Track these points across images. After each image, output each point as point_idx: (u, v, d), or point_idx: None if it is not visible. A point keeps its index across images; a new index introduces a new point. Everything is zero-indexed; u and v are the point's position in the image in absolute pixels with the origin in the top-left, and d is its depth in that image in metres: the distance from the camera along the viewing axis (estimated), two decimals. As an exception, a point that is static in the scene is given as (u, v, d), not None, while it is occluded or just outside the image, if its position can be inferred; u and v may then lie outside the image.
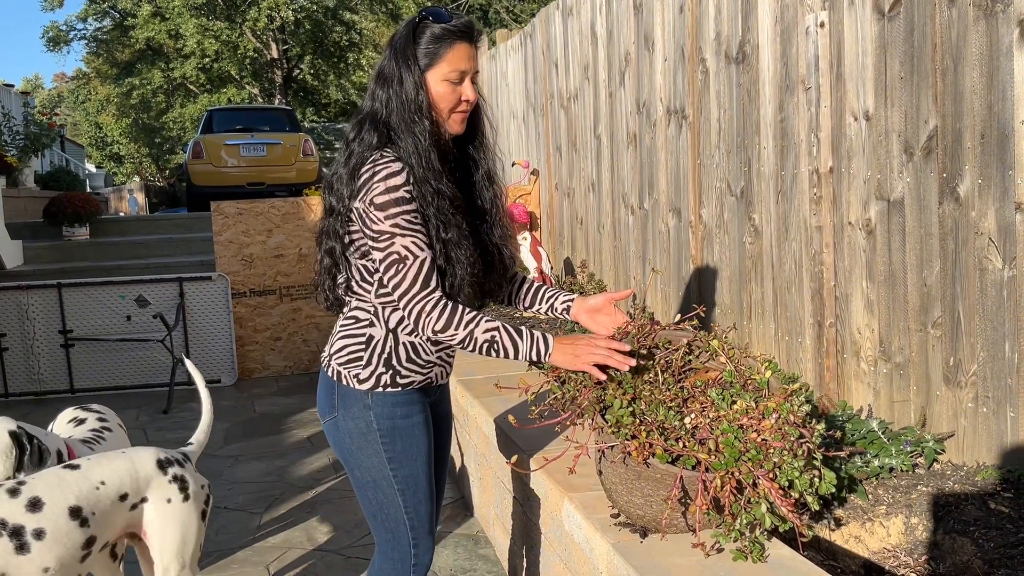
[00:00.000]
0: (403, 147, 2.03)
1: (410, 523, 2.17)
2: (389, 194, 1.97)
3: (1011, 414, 2.66)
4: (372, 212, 1.99)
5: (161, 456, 2.48)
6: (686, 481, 1.98)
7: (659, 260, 4.90)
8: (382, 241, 1.99)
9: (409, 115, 2.04)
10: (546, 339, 2.03)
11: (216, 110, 14.78)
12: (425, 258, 2.00)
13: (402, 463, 2.14)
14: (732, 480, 1.92)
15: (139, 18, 24.34)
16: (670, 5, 4.56)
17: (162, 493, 2.43)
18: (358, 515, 4.10)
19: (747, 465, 1.91)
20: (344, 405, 2.14)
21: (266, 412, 6.19)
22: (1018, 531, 2.40)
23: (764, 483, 1.90)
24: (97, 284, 7.05)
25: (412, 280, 1.99)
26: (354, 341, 2.14)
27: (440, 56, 2.05)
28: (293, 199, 7.57)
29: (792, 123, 3.58)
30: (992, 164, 2.65)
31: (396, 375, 2.13)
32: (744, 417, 1.96)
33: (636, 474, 2.06)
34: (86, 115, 36.50)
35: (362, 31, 25.77)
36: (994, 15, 2.62)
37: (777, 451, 1.90)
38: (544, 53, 6.82)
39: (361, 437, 2.13)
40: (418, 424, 2.17)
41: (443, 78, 2.06)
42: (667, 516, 2.06)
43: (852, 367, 3.35)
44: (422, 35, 2.06)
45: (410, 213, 1.99)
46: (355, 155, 2.07)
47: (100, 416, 3.03)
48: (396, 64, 2.07)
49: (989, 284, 2.70)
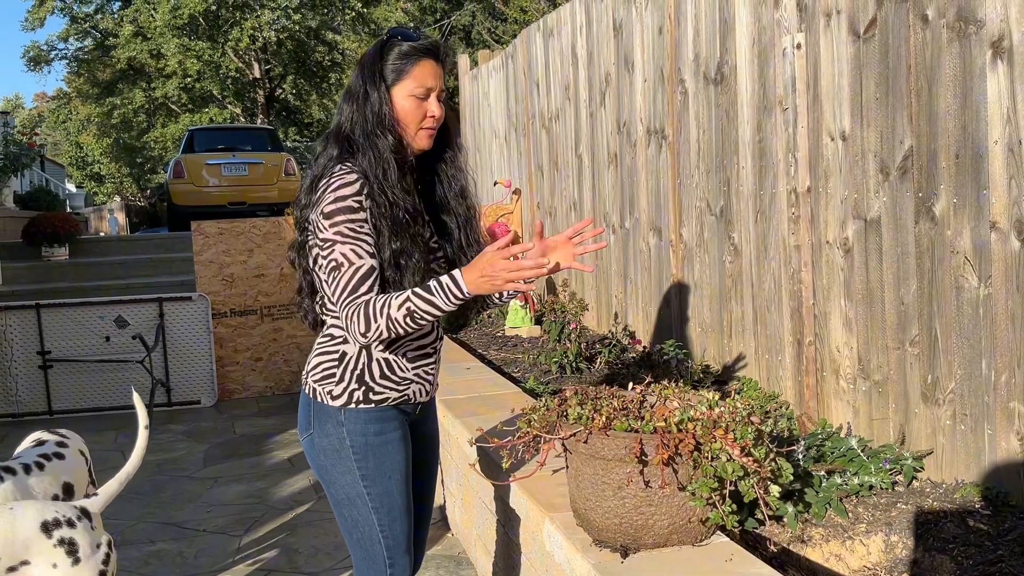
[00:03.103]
0: (364, 160, 2.07)
1: (385, 542, 2.17)
2: (337, 203, 2.00)
3: (989, 431, 2.67)
4: (320, 221, 2.02)
5: (48, 517, 2.29)
6: (645, 442, 2.06)
7: (640, 279, 4.91)
8: (326, 248, 2.02)
9: (372, 128, 2.09)
10: (454, 278, 1.95)
11: (197, 130, 14.75)
12: (360, 265, 1.99)
13: (375, 480, 2.14)
14: (689, 437, 2.03)
15: (120, 38, 24.27)
16: (649, 27, 4.60)
17: (47, 558, 2.25)
18: (339, 537, 4.07)
19: (702, 428, 2.06)
20: (319, 422, 2.15)
21: (246, 433, 6.15)
22: (996, 548, 2.41)
23: (720, 439, 2.02)
24: (76, 305, 7.00)
25: (343, 286, 1.99)
26: (328, 358, 2.15)
27: (406, 72, 2.10)
28: (274, 219, 7.56)
29: (770, 143, 3.61)
30: (967, 184, 2.68)
31: (369, 391, 2.13)
32: (695, 413, 2.13)
33: (602, 464, 2.13)
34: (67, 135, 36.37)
35: (344, 51, 25.81)
36: (967, 37, 2.65)
37: (729, 420, 2.08)
38: (525, 73, 6.86)
39: (335, 454, 2.14)
40: (392, 441, 2.16)
41: (409, 93, 2.11)
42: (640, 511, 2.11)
43: (831, 385, 3.36)
44: (390, 52, 2.11)
45: (355, 222, 2.01)
46: (318, 166, 2.12)
47: (60, 441, 2.88)
48: (363, 80, 2.12)
49: (965, 302, 2.72)
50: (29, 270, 8.93)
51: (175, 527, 4.32)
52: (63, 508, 2.36)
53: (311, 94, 26.95)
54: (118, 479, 2.59)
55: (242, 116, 26.33)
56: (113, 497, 2.56)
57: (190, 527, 4.32)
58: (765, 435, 2.16)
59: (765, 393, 3.72)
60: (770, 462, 2.07)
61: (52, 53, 27.07)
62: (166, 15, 22.43)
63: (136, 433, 2.78)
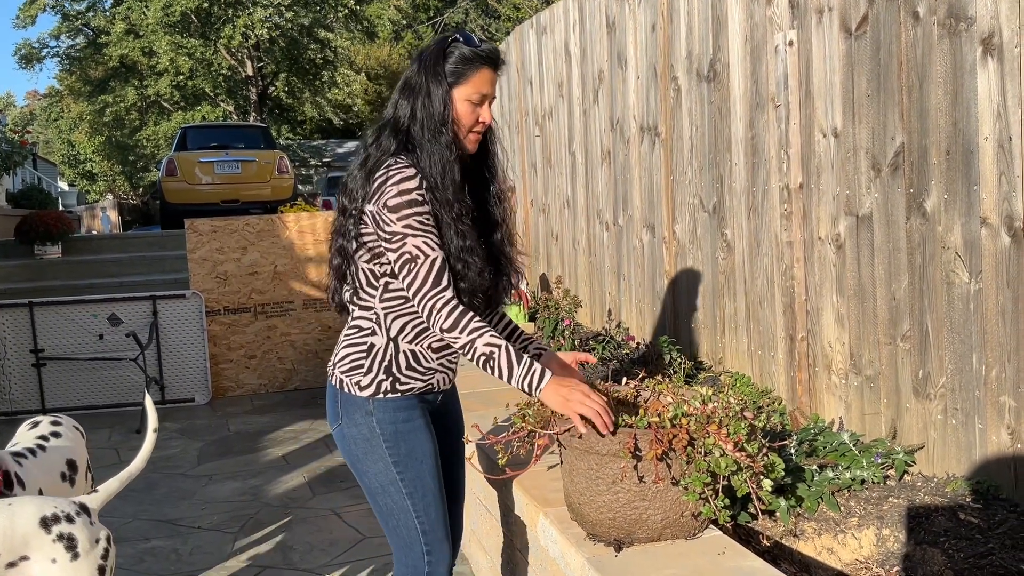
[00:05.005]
0: (423, 156, 2.10)
1: (421, 527, 2.20)
2: (402, 196, 2.04)
3: (979, 426, 2.69)
4: (385, 215, 2.06)
5: (47, 512, 2.30)
6: (639, 438, 2.08)
7: (633, 275, 4.93)
8: (395, 242, 2.06)
9: (435, 126, 2.11)
10: (543, 374, 2.06)
11: (190, 127, 14.70)
12: (436, 257, 2.06)
13: (408, 465, 2.18)
14: (683, 431, 2.05)
15: (112, 35, 24.19)
16: (642, 24, 4.61)
17: (46, 553, 2.26)
18: (334, 534, 4.08)
19: (696, 424, 2.07)
20: (347, 412, 2.19)
21: (240, 431, 6.15)
22: (987, 541, 2.43)
23: (714, 434, 2.04)
24: (69, 303, 6.98)
25: (424, 277, 2.05)
26: (356, 350, 2.19)
27: (466, 77, 2.14)
28: (268, 216, 7.55)
29: (762, 140, 3.63)
30: (958, 180, 2.70)
31: (396, 382, 2.18)
32: (689, 408, 2.14)
33: (597, 460, 2.13)
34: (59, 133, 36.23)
35: (337, 49, 25.76)
36: (958, 34, 2.67)
37: (722, 415, 2.09)
38: (519, 71, 6.87)
39: (365, 443, 2.18)
40: (420, 428, 2.21)
41: (466, 98, 2.14)
42: (634, 505, 2.12)
43: (824, 380, 3.38)
44: (451, 54, 2.14)
45: (422, 215, 2.06)
46: (371, 159, 2.14)
47: (54, 420, 2.93)
48: (424, 77, 2.14)
49: (956, 297, 2.74)
50: (22, 268, 8.90)
51: (170, 524, 4.33)
52: (62, 504, 2.37)
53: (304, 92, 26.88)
54: (119, 478, 2.59)
55: (235, 114, 26.26)
56: (113, 495, 2.56)
57: (185, 524, 4.32)
58: (758, 430, 2.18)
59: (758, 388, 3.74)
60: (763, 457, 2.09)
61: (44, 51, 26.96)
62: (158, 12, 22.34)
63: (129, 433, 2.79)
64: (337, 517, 4.31)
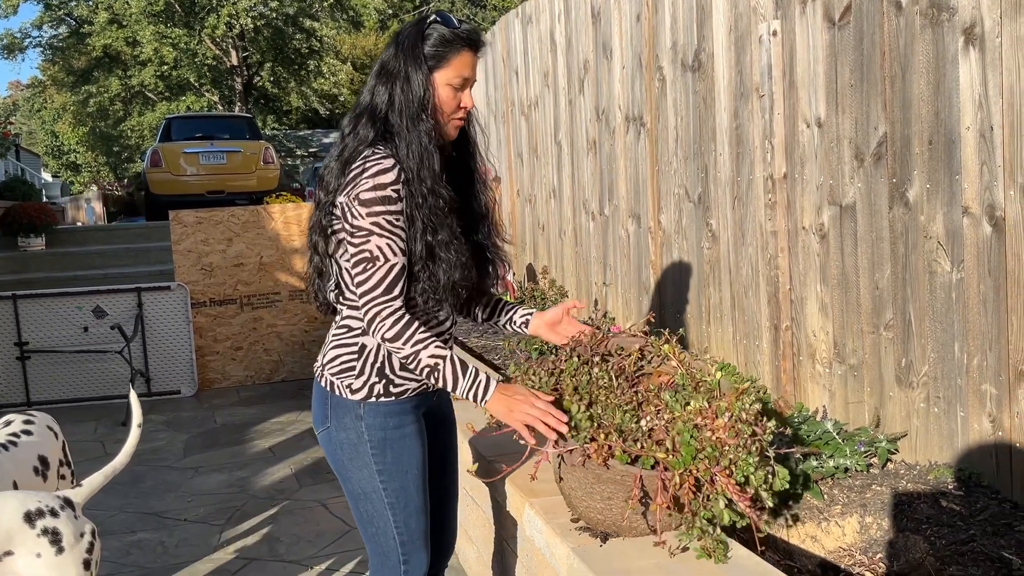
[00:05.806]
0: (402, 145, 2.01)
1: (400, 538, 2.15)
2: (375, 192, 1.95)
3: (961, 414, 2.72)
4: (355, 207, 1.96)
5: (31, 507, 2.28)
6: (645, 481, 2.00)
7: (619, 265, 4.93)
8: (358, 237, 1.97)
9: (415, 112, 2.02)
10: (488, 385, 2.00)
11: (175, 118, 14.63)
12: (396, 263, 1.98)
13: (392, 475, 2.12)
14: (690, 478, 1.94)
15: (96, 25, 23.99)
16: (627, 14, 4.61)
17: (30, 548, 2.24)
18: (320, 525, 4.08)
19: (704, 463, 1.94)
20: (336, 416, 2.12)
21: (227, 423, 6.14)
22: (969, 528, 2.46)
23: (721, 479, 1.92)
24: (53, 295, 6.95)
25: (378, 281, 1.97)
26: (347, 351, 2.12)
27: (447, 60, 2.04)
28: (253, 207, 7.52)
29: (747, 130, 3.64)
30: (940, 169, 2.71)
31: (389, 384, 2.11)
32: (698, 417, 1.98)
33: (596, 477, 2.08)
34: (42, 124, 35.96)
35: (323, 38, 25.63)
36: (940, 24, 2.68)
37: (732, 448, 1.94)
38: (504, 60, 6.85)
39: (352, 448, 2.11)
40: (410, 435, 2.15)
41: (447, 82, 2.05)
42: (627, 517, 2.08)
43: (808, 369, 3.40)
44: (430, 36, 2.04)
45: (393, 214, 1.97)
46: (348, 149, 2.05)
47: (27, 419, 2.89)
48: (403, 61, 2.04)
49: (938, 287, 2.76)
50: (5, 261, 8.85)
51: (156, 517, 4.32)
52: (46, 498, 2.35)
53: (289, 82, 26.76)
54: (104, 472, 2.58)
55: (220, 104, 26.12)
56: (97, 489, 2.55)
57: (171, 517, 4.32)
58: (768, 448, 2.02)
59: (743, 377, 3.76)
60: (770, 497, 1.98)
61: (26, 41, 26.71)
62: (141, 2, 22.20)
63: (115, 426, 2.78)
64: (324, 508, 4.31)
